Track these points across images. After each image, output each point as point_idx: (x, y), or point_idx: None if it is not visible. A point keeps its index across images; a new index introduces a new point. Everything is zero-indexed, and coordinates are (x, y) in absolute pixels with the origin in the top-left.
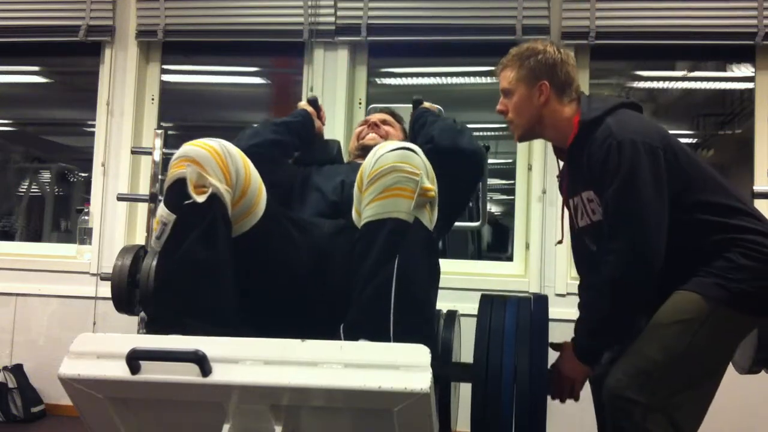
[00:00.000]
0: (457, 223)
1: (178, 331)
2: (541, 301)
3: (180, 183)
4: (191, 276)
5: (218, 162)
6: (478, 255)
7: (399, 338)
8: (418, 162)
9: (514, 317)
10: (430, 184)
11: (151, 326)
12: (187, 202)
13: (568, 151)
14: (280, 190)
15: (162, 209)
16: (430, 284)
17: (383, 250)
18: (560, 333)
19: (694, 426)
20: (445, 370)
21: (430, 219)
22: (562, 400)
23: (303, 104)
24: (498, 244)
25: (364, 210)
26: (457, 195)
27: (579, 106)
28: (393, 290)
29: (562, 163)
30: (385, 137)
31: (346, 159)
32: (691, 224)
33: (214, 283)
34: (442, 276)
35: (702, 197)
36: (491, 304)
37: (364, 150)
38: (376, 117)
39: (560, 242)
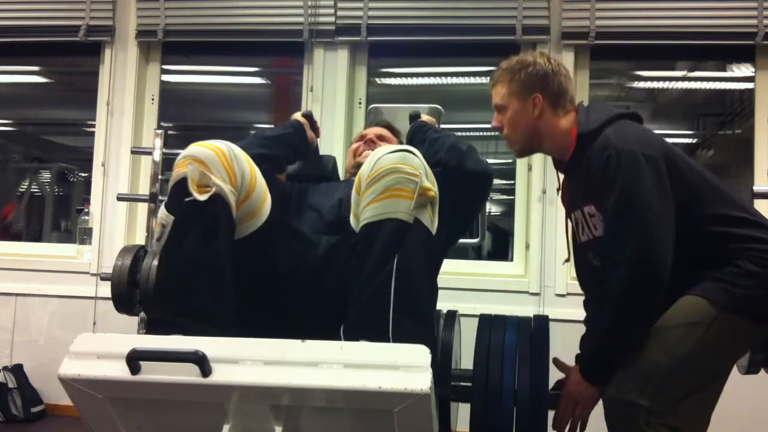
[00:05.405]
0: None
1: (176, 332)
2: (541, 321)
3: (183, 183)
4: (190, 276)
5: (223, 163)
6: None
7: (397, 340)
8: (417, 163)
9: (513, 338)
10: (430, 185)
11: (150, 328)
12: (188, 199)
13: (567, 164)
14: (275, 205)
15: (162, 211)
16: (430, 285)
17: (382, 251)
18: (560, 333)
19: None
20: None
21: (430, 219)
22: (570, 428)
23: (297, 115)
24: (497, 251)
25: (363, 211)
26: (464, 213)
27: (577, 117)
28: (392, 291)
29: (562, 177)
30: None
31: (342, 176)
32: (701, 236)
33: (213, 283)
34: (442, 276)
35: (710, 209)
36: (491, 324)
37: (360, 167)
38: (372, 133)
39: (567, 261)
